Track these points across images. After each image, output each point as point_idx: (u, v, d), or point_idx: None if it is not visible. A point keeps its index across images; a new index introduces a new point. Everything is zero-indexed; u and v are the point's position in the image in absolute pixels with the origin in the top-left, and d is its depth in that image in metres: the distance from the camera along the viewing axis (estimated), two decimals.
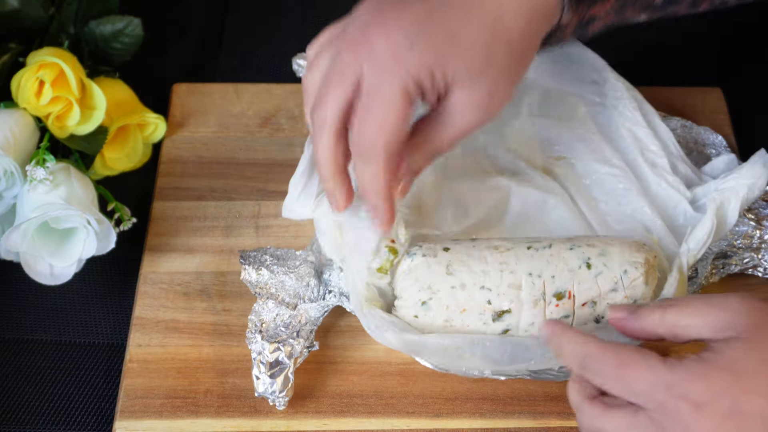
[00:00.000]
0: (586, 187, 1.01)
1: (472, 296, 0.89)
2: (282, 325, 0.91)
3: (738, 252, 0.97)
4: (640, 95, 1.04)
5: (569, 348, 0.79)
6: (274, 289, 0.94)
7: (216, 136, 1.09)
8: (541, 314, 0.89)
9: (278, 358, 0.89)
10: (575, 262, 0.89)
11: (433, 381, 0.92)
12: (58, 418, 0.93)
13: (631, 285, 0.89)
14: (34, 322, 0.98)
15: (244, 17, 1.23)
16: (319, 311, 0.93)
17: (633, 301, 0.89)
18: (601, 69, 1.04)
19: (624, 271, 0.89)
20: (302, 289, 0.94)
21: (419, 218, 0.97)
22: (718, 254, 0.97)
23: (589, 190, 1.01)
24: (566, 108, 1.04)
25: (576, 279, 0.89)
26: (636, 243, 0.91)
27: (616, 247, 0.90)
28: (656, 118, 1.03)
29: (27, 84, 1.00)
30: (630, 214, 0.98)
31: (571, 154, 1.03)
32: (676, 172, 1.01)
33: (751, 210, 0.99)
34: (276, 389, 0.88)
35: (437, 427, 0.90)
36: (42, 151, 0.98)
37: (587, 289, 0.89)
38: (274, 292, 0.94)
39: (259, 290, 0.94)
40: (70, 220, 0.95)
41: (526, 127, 1.04)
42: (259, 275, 0.94)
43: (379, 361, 0.94)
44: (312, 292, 0.94)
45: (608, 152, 1.02)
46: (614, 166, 1.01)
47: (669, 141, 1.02)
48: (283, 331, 0.91)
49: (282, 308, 0.92)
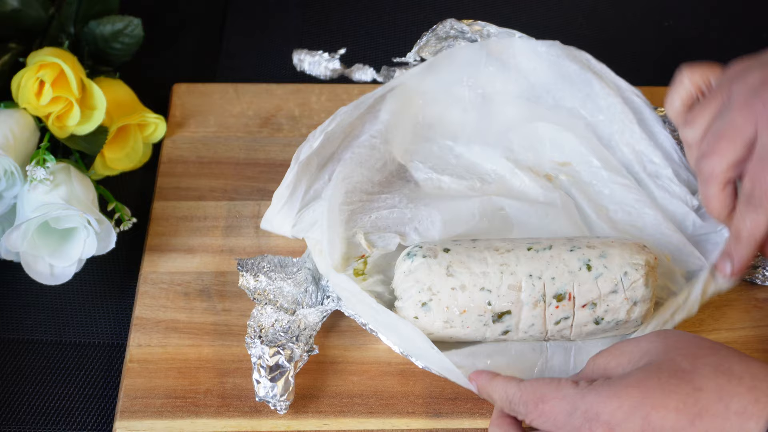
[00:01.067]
0: (596, 194, 1.01)
1: (472, 297, 0.89)
2: (281, 330, 0.91)
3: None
4: (640, 98, 1.04)
5: (497, 395, 0.84)
6: (272, 295, 0.94)
7: (216, 136, 1.09)
8: (541, 315, 0.89)
9: (278, 361, 0.89)
10: (575, 264, 0.89)
11: (433, 381, 0.92)
12: (58, 418, 0.93)
13: (632, 287, 0.89)
14: (34, 322, 0.98)
15: (244, 17, 1.23)
16: (317, 316, 0.93)
17: (633, 302, 0.89)
18: (590, 81, 1.04)
19: (624, 273, 0.89)
20: (300, 295, 0.94)
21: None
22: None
23: (598, 197, 1.01)
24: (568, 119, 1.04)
25: (576, 280, 0.89)
26: (636, 245, 0.91)
27: (617, 248, 0.90)
28: (657, 125, 1.03)
29: (27, 84, 1.00)
30: (641, 227, 0.98)
31: (576, 160, 1.02)
32: (681, 180, 1.01)
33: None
34: (277, 393, 0.88)
35: (437, 427, 0.90)
36: (42, 151, 0.98)
37: (587, 290, 0.89)
38: (273, 298, 0.94)
39: (257, 296, 0.94)
40: (70, 220, 0.95)
41: (532, 133, 1.04)
42: (257, 282, 0.94)
43: (379, 361, 0.94)
44: (310, 298, 0.94)
45: (614, 162, 1.02)
46: (623, 176, 1.01)
47: (671, 148, 1.02)
48: (282, 335, 0.91)
49: (281, 314, 0.92)
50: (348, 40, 1.21)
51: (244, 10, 1.24)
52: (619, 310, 0.89)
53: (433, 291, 0.89)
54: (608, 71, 1.05)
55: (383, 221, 0.97)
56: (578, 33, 1.22)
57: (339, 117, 1.01)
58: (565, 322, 0.89)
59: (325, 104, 1.11)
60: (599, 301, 0.89)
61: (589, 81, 1.03)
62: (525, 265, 0.89)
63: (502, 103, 1.05)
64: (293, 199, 0.98)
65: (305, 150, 0.99)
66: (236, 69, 1.18)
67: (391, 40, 1.21)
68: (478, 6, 1.24)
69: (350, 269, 0.94)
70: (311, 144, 0.99)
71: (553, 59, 1.04)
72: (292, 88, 1.13)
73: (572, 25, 1.23)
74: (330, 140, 1.00)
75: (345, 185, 0.98)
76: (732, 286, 0.93)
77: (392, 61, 1.09)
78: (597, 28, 1.23)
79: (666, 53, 1.20)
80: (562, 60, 1.04)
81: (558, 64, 1.04)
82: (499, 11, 1.24)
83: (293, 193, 0.98)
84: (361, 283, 0.93)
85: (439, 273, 0.89)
